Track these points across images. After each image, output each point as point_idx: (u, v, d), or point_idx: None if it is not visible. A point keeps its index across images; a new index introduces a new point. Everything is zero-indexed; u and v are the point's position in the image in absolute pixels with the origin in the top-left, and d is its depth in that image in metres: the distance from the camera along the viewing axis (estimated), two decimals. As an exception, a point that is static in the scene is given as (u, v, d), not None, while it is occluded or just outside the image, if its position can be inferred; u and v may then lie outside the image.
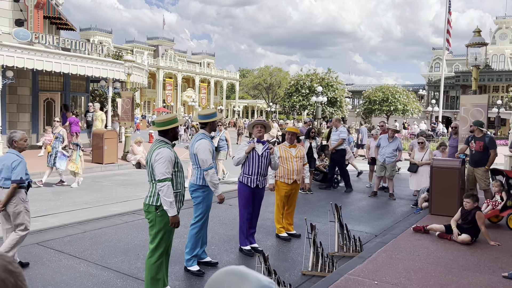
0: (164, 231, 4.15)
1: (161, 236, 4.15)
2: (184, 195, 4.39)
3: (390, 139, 10.43)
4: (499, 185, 7.51)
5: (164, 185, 4.02)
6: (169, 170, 4.07)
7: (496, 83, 49.18)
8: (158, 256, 4.18)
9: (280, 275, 4.56)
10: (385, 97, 41.48)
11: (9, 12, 17.29)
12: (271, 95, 73.77)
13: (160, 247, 4.17)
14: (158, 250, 4.17)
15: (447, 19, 33.41)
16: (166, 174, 4.05)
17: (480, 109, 9.13)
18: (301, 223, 6.83)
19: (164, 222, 4.12)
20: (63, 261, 5.32)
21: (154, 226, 4.15)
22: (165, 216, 4.12)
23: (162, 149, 4.12)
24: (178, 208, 4.26)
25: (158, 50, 63.08)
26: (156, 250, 4.17)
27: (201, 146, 5.01)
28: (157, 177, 4.05)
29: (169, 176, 4.06)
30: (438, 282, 4.68)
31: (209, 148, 5.02)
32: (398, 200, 10.10)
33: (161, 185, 4.03)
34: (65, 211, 7.98)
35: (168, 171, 4.06)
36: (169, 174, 4.07)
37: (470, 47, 9.57)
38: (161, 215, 4.10)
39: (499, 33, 54.60)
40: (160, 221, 4.11)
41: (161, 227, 4.13)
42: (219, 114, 5.42)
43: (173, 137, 4.32)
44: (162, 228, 4.13)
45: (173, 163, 4.13)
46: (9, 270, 0.92)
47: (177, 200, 4.23)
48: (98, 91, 24.40)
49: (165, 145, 4.18)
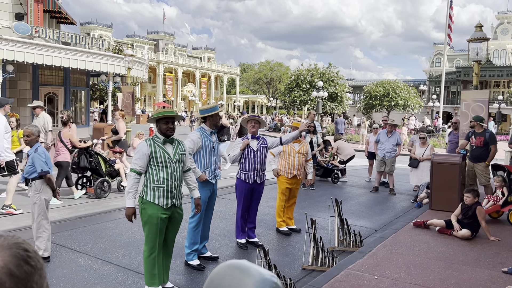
0: (148, 223, 4.12)
1: (147, 229, 4.14)
2: (174, 192, 4.19)
3: (389, 133, 10.43)
4: (501, 181, 7.51)
5: (129, 174, 4.15)
6: (138, 162, 4.11)
7: (497, 78, 49.05)
8: (149, 250, 4.15)
9: (280, 269, 4.57)
10: (386, 92, 41.40)
11: (9, 5, 17.23)
12: (271, 90, 73.69)
13: (148, 239, 4.15)
14: (147, 244, 4.16)
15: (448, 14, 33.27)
16: (133, 165, 4.13)
17: (481, 105, 9.10)
18: (302, 217, 6.84)
19: (148, 215, 4.10)
20: (64, 255, 5.33)
21: (142, 219, 4.19)
22: (148, 209, 4.10)
23: (142, 142, 4.23)
24: (167, 204, 4.14)
25: (158, 44, 62.95)
26: (146, 243, 4.18)
27: (190, 136, 5.19)
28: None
29: (136, 168, 4.11)
30: (438, 277, 4.69)
31: (192, 138, 5.10)
32: (398, 195, 10.11)
33: (128, 174, 4.15)
34: (66, 205, 7.99)
35: (136, 162, 4.12)
36: (137, 166, 4.11)
37: (472, 42, 9.52)
38: (143, 208, 4.14)
39: (501, 28, 54.38)
40: (144, 213, 4.14)
41: (145, 218, 4.14)
42: (220, 108, 5.46)
43: (163, 132, 4.20)
44: (146, 220, 4.14)
45: (148, 157, 4.11)
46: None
47: (160, 195, 4.12)
48: (99, 85, 24.38)
49: (149, 139, 4.21)
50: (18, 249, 0.84)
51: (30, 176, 5.17)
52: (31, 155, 5.21)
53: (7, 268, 0.81)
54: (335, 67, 43.45)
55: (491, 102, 35.20)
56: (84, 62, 15.71)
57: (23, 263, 0.83)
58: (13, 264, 0.82)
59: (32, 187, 5.17)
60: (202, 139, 5.14)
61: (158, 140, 4.20)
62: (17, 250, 0.84)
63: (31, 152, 5.23)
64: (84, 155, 8.78)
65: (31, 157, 5.18)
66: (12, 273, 0.81)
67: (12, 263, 0.82)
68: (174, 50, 62.96)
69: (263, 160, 5.93)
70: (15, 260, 0.82)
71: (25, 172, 5.25)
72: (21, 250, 0.85)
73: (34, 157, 5.14)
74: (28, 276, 0.83)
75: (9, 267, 0.81)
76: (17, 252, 0.84)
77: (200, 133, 5.16)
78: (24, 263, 0.83)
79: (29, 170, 5.18)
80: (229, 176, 11.73)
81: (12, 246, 0.84)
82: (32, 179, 5.17)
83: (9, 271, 0.81)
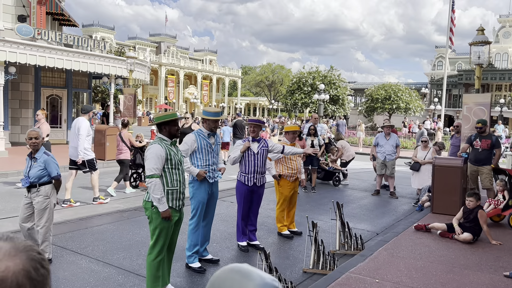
0: (161, 228, 4.14)
1: (158, 233, 4.15)
2: (183, 193, 4.36)
3: (387, 136, 10.43)
4: (503, 185, 7.50)
5: (151, 181, 4.06)
6: (157, 166, 4.07)
7: (499, 81, 48.97)
8: (157, 253, 4.17)
9: (281, 272, 4.56)
10: (388, 95, 41.39)
11: (12, 8, 17.30)
12: (273, 93, 73.72)
13: (158, 243, 4.16)
14: (156, 247, 4.17)
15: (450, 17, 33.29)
16: (153, 170, 4.06)
17: (483, 108, 9.08)
18: (303, 220, 6.83)
19: (160, 219, 4.12)
20: (64, 257, 5.33)
21: (152, 223, 4.17)
22: None
23: (153, 145, 4.15)
24: (179, 206, 4.26)
25: (160, 46, 63.08)
26: (154, 247, 4.17)
27: (185, 139, 5.19)
28: (146, 172, 4.11)
29: (156, 173, 4.07)
30: (439, 280, 4.68)
31: (186, 142, 5.12)
32: (399, 199, 10.10)
33: (149, 181, 4.07)
34: (67, 207, 8.00)
35: (156, 167, 4.07)
36: (157, 171, 4.07)
37: (474, 46, 9.51)
38: (156, 212, 4.11)
39: (503, 32, 54.35)
40: (156, 217, 4.12)
41: (158, 223, 4.13)
42: (222, 115, 5.48)
43: (170, 134, 4.26)
44: (158, 225, 4.13)
45: (163, 160, 4.11)
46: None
47: (174, 197, 4.20)
48: (100, 87, 24.42)
49: (159, 142, 4.18)
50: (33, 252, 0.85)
51: (40, 180, 5.05)
52: (42, 158, 5.08)
53: (27, 271, 0.81)
54: (336, 70, 43.51)
55: (493, 105, 35.15)
56: (86, 64, 15.75)
57: (40, 266, 0.84)
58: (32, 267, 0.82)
59: (41, 192, 5.05)
60: (198, 141, 5.16)
61: (166, 143, 4.22)
62: (33, 253, 0.84)
63: (39, 156, 5.09)
64: (139, 153, 9.89)
65: (43, 161, 5.06)
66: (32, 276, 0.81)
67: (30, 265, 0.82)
68: (176, 52, 63.07)
69: (263, 163, 5.92)
70: (33, 263, 0.83)
71: (34, 176, 5.03)
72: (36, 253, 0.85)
73: (48, 161, 5.06)
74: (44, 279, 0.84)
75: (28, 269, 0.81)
76: (33, 255, 0.84)
77: (195, 136, 5.19)
78: (40, 266, 0.84)
79: (40, 174, 5.04)
80: (230, 178, 11.72)
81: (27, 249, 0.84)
82: (42, 183, 5.06)
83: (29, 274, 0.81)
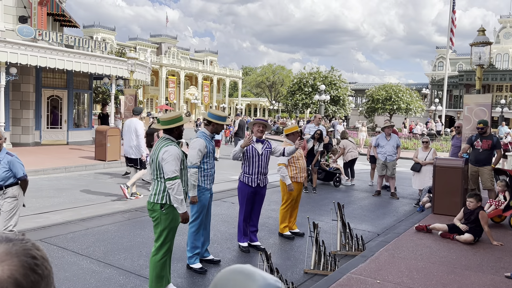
0: (169, 229, 4.16)
1: (166, 234, 4.16)
2: (187, 193, 4.42)
3: (388, 137, 10.43)
4: (504, 185, 7.49)
5: (175, 183, 4.05)
6: (177, 168, 4.09)
7: (500, 82, 48.96)
8: (163, 254, 4.19)
9: (282, 273, 4.56)
10: (388, 96, 41.40)
11: (13, 9, 17.32)
12: (274, 93, 73.70)
13: (165, 245, 4.18)
14: (163, 248, 4.18)
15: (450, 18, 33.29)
16: (176, 172, 4.07)
17: (484, 109, 9.08)
18: (304, 221, 6.83)
19: (170, 220, 4.13)
20: (66, 258, 5.33)
21: (160, 224, 4.14)
22: (170, 214, 4.13)
23: (169, 147, 4.11)
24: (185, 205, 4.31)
25: (161, 47, 63.09)
26: (161, 248, 4.18)
27: (193, 144, 5.05)
28: (166, 175, 4.06)
29: (178, 174, 4.09)
30: (441, 281, 4.67)
31: (199, 148, 4.98)
32: (400, 199, 10.09)
33: (171, 183, 4.04)
34: (68, 208, 8.00)
35: (177, 169, 4.09)
36: (178, 172, 4.09)
37: (474, 46, 9.51)
38: (166, 213, 4.11)
39: (503, 32, 54.31)
40: (165, 219, 4.12)
41: (166, 225, 4.12)
42: (227, 120, 5.45)
43: (178, 135, 4.33)
44: (167, 226, 4.13)
45: (180, 161, 4.15)
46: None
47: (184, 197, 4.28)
48: (101, 88, 24.44)
49: (172, 143, 4.18)
50: (26, 256, 0.83)
51: (6, 182, 4.78)
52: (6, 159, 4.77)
53: (14, 278, 0.80)
54: (337, 71, 43.57)
55: (493, 106, 35.10)
56: (87, 65, 15.76)
57: (30, 272, 0.82)
58: (20, 274, 0.80)
59: (9, 193, 4.82)
60: (208, 145, 5.09)
61: (176, 144, 4.25)
62: (25, 258, 0.83)
63: (2, 157, 4.76)
64: None
65: (7, 162, 4.77)
66: (19, 283, 0.80)
67: (19, 272, 0.80)
68: (177, 53, 63.08)
69: (267, 164, 5.93)
70: (22, 270, 0.81)
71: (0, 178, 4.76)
72: (29, 258, 0.83)
73: (13, 162, 4.80)
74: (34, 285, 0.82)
75: (15, 277, 0.80)
76: (24, 260, 0.82)
77: (204, 141, 5.07)
78: (31, 272, 0.82)
79: (5, 176, 4.76)
80: (230, 179, 11.72)
81: (20, 253, 0.83)
82: (8, 185, 4.81)
83: (16, 281, 0.80)
